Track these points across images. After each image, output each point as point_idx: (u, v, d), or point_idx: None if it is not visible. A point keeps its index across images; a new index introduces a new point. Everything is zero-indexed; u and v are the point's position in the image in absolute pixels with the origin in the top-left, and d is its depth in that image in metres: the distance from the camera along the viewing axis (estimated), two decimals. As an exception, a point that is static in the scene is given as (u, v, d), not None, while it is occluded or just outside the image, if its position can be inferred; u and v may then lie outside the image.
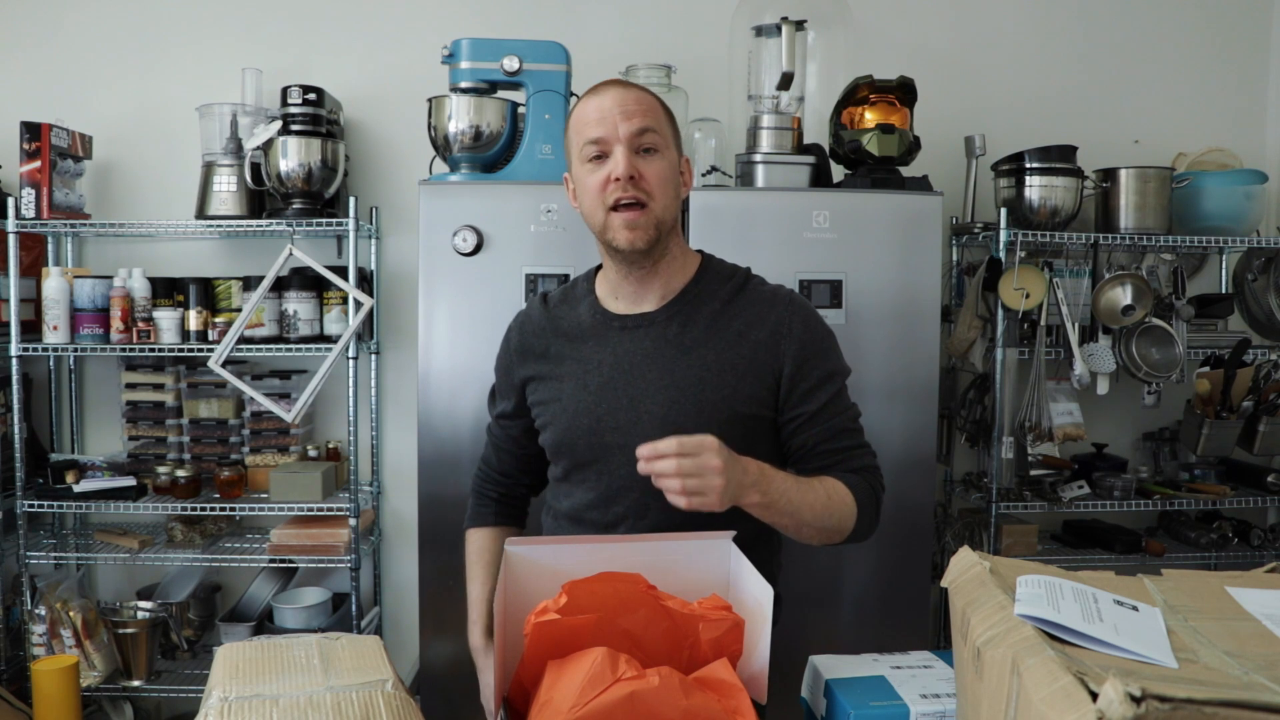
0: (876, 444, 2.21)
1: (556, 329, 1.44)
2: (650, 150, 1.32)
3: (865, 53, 2.52)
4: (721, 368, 1.36)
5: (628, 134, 1.30)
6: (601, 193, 1.31)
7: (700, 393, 1.35)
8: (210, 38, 2.73)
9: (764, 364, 1.37)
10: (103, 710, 2.64)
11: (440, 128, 2.30)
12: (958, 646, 0.98)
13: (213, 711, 1.05)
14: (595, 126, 1.31)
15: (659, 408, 1.35)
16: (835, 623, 2.21)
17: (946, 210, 2.47)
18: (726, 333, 1.37)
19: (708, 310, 1.39)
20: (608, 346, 1.40)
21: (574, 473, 1.42)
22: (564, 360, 1.42)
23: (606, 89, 1.34)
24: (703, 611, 1.10)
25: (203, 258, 2.74)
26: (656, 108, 1.35)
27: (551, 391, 1.42)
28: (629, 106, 1.31)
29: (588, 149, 1.32)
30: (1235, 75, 2.91)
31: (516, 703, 1.14)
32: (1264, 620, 0.91)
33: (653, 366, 1.37)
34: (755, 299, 1.40)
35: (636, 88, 1.36)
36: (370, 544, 2.73)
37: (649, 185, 1.31)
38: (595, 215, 1.34)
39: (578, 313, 1.44)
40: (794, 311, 1.39)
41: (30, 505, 2.48)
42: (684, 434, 1.23)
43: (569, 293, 1.49)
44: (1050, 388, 2.56)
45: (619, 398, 1.37)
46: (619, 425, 1.36)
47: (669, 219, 1.35)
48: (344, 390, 2.53)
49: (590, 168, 1.33)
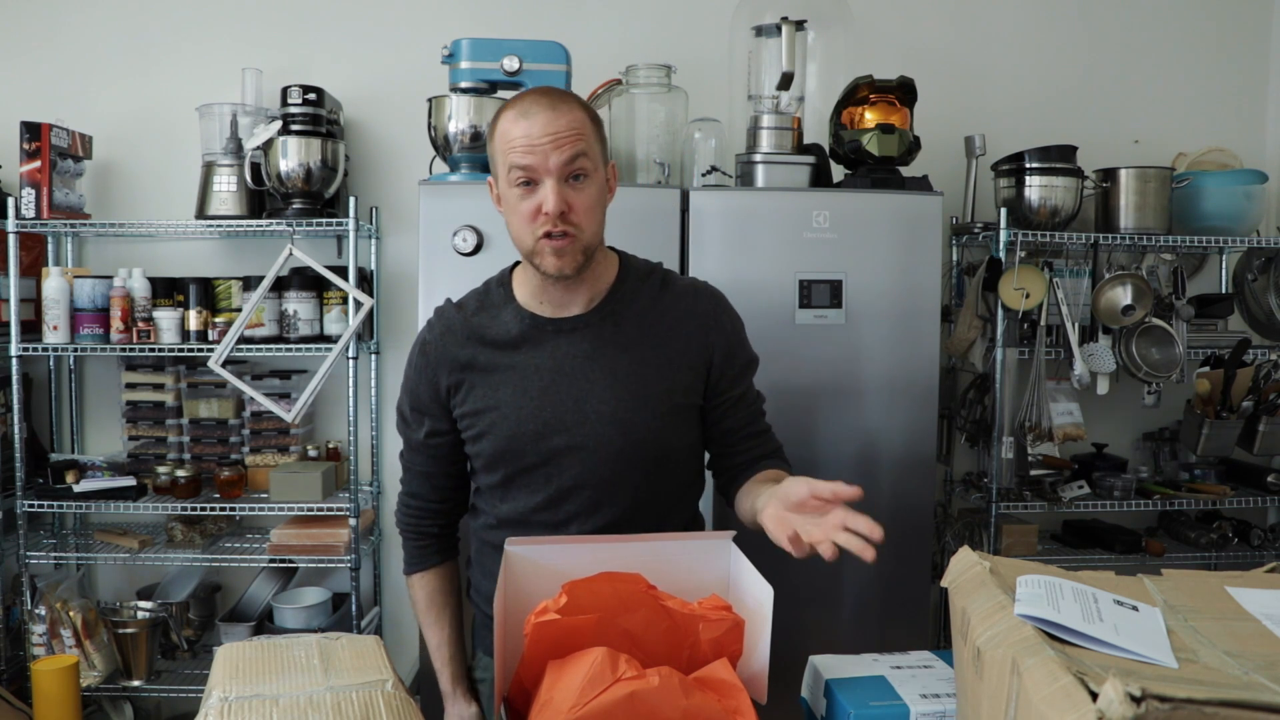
0: (877, 444, 2.24)
1: (482, 337, 1.41)
2: (580, 175, 1.30)
3: (865, 53, 2.52)
4: (659, 362, 1.39)
5: (558, 164, 1.27)
6: (531, 222, 1.30)
7: (643, 387, 1.38)
8: (210, 38, 2.73)
9: (695, 355, 1.42)
10: (103, 710, 2.64)
11: (440, 128, 2.30)
12: (958, 646, 0.98)
13: (213, 711, 1.05)
14: (524, 154, 1.27)
15: (605, 405, 1.37)
16: (835, 623, 2.21)
17: (946, 210, 2.47)
18: (658, 328, 1.41)
19: (636, 308, 1.41)
20: (544, 350, 1.39)
21: (518, 477, 1.41)
22: (495, 369, 1.40)
23: (535, 110, 1.28)
24: (703, 611, 1.10)
25: (203, 258, 2.74)
26: (584, 126, 1.31)
27: (484, 400, 1.39)
28: (560, 133, 1.27)
29: (515, 174, 1.29)
30: (1235, 75, 2.91)
31: (516, 703, 1.14)
32: (1264, 620, 0.91)
33: (594, 366, 1.38)
34: (678, 294, 1.44)
35: (564, 106, 1.30)
36: (370, 544, 2.73)
37: (578, 217, 1.30)
38: (523, 239, 1.33)
39: (502, 320, 1.41)
40: (717, 304, 1.46)
41: (30, 505, 2.48)
42: (630, 429, 1.35)
43: (485, 299, 1.45)
44: (1050, 388, 2.56)
45: (564, 400, 1.37)
46: (566, 426, 1.37)
47: (596, 241, 1.36)
48: (344, 390, 2.52)
49: (518, 193, 1.30)
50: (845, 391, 2.20)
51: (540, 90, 1.34)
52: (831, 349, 2.18)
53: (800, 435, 2.15)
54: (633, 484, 1.39)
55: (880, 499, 2.22)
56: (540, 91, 1.33)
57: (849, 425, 2.20)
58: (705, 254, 2.15)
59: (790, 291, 2.15)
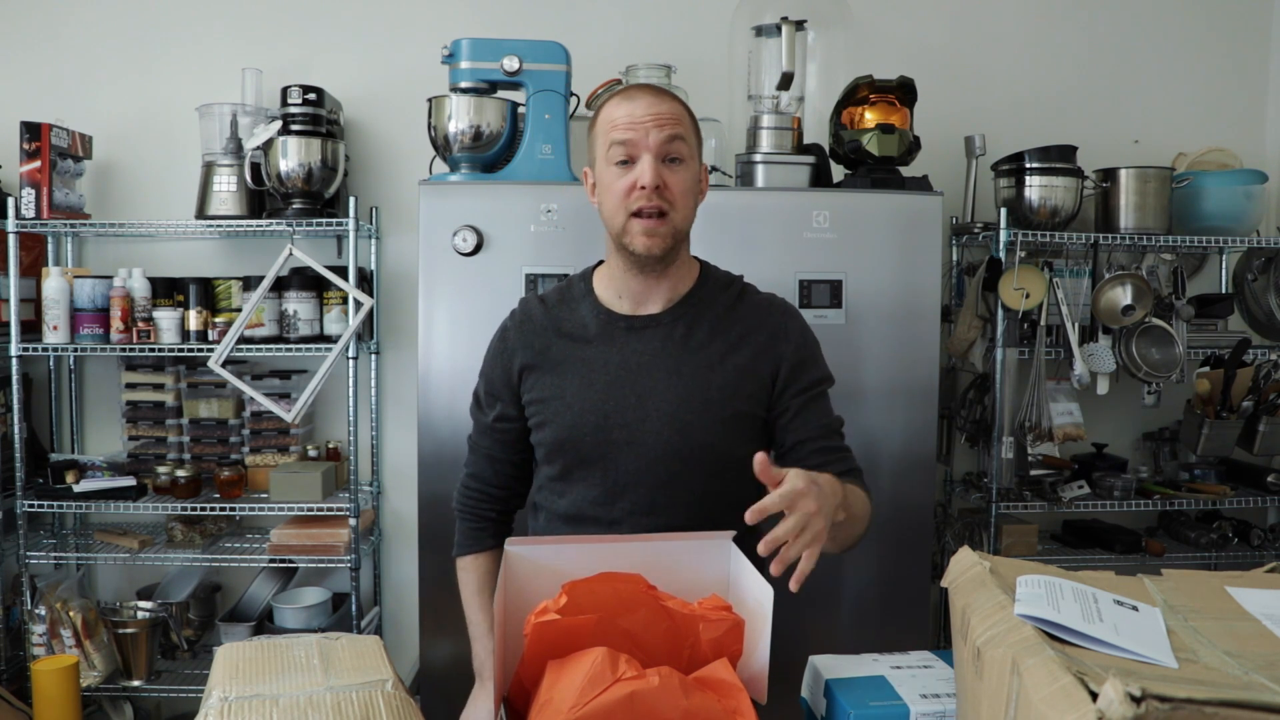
0: (876, 444, 2.24)
1: (558, 329, 1.45)
2: (676, 159, 1.35)
3: (865, 53, 2.52)
4: (725, 368, 1.40)
5: (657, 142, 1.32)
6: (625, 198, 1.34)
7: (706, 391, 1.39)
8: (210, 38, 2.73)
9: (763, 365, 1.42)
10: (103, 710, 2.64)
11: (440, 128, 2.30)
12: (958, 646, 0.98)
13: (213, 711, 1.05)
14: (625, 130, 1.33)
15: (667, 405, 1.38)
16: (835, 623, 2.21)
17: (946, 210, 2.47)
18: (729, 335, 1.42)
19: (711, 315, 1.43)
20: (614, 346, 1.41)
21: (575, 470, 1.42)
22: (566, 360, 1.42)
23: (639, 94, 1.35)
24: (703, 611, 1.10)
25: (203, 258, 2.74)
26: (685, 117, 1.37)
27: (551, 389, 1.42)
28: (661, 115, 1.33)
29: (615, 151, 1.34)
30: (1235, 75, 2.91)
31: (516, 703, 1.14)
32: (1264, 620, 0.91)
33: (660, 366, 1.40)
34: (754, 305, 1.47)
35: (668, 95, 1.37)
36: (370, 544, 2.73)
37: (673, 195, 1.34)
38: (616, 218, 1.36)
39: (579, 314, 1.45)
40: (790, 317, 1.48)
41: (30, 505, 2.48)
42: (690, 430, 1.33)
43: (566, 293, 1.49)
44: (1050, 388, 2.56)
45: (626, 395, 1.39)
46: (626, 422, 1.38)
47: (686, 228, 1.39)
48: (344, 390, 2.53)
49: (616, 171, 1.34)
50: (845, 392, 2.18)
51: (643, 83, 1.42)
52: (831, 349, 2.13)
53: (800, 435, 2.15)
54: (689, 488, 1.39)
55: (880, 499, 2.20)
56: (643, 84, 1.41)
57: (849, 425, 2.15)
58: (705, 254, 2.10)
59: (790, 291, 2.15)
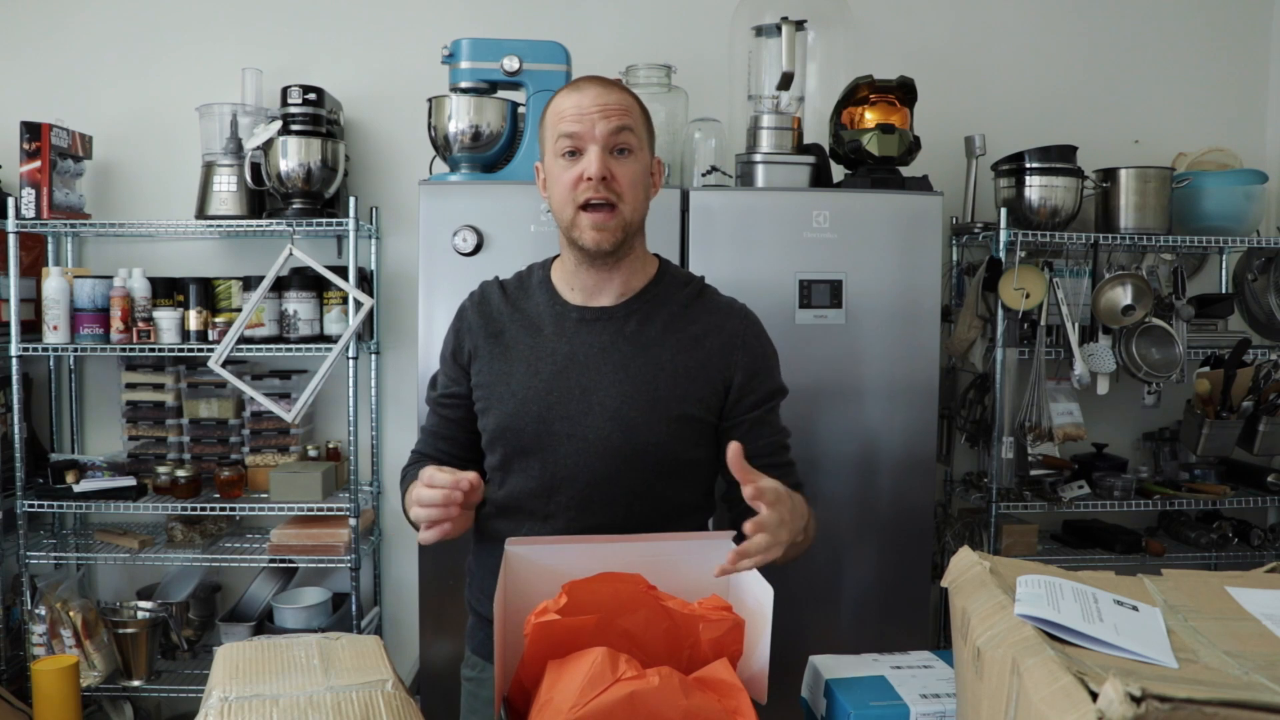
0: (877, 444, 2.24)
1: (512, 315, 1.44)
2: (624, 150, 1.33)
3: (865, 53, 2.52)
4: (675, 368, 1.38)
5: (604, 133, 1.31)
6: (572, 190, 1.33)
7: (654, 390, 1.37)
8: (210, 38, 2.73)
9: (716, 370, 1.40)
10: (103, 710, 2.64)
11: (440, 128, 2.30)
12: (958, 646, 0.98)
13: (213, 711, 1.05)
14: (572, 122, 1.32)
15: (611, 400, 1.36)
16: (835, 623, 2.21)
17: (946, 210, 2.47)
18: (683, 336, 1.40)
19: (665, 312, 1.41)
20: (563, 336, 1.40)
21: (514, 460, 1.40)
22: (517, 346, 1.41)
23: (587, 85, 1.35)
24: (703, 611, 1.10)
25: (203, 258, 2.74)
26: (634, 108, 1.36)
27: (498, 374, 1.41)
28: (609, 106, 1.32)
29: (562, 143, 1.33)
30: (1235, 75, 2.91)
31: (516, 703, 1.14)
32: (1264, 620, 0.91)
33: (608, 360, 1.38)
34: (711, 307, 1.44)
35: (616, 86, 1.36)
36: (370, 544, 2.73)
37: (620, 187, 1.33)
38: (564, 211, 1.35)
39: (534, 301, 1.44)
40: (748, 325, 1.44)
41: (30, 505, 2.48)
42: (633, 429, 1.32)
43: (524, 280, 1.48)
44: (1050, 388, 2.56)
45: (571, 387, 1.37)
46: (569, 414, 1.36)
47: (636, 221, 1.37)
48: (344, 390, 2.52)
49: (563, 163, 1.34)
50: (845, 391, 2.20)
51: (591, 76, 1.39)
52: (831, 349, 2.18)
53: (800, 435, 2.12)
54: (629, 488, 1.37)
55: (880, 499, 2.22)
56: (591, 76, 1.38)
57: (849, 425, 2.20)
58: (705, 254, 2.15)
59: (790, 291, 2.15)
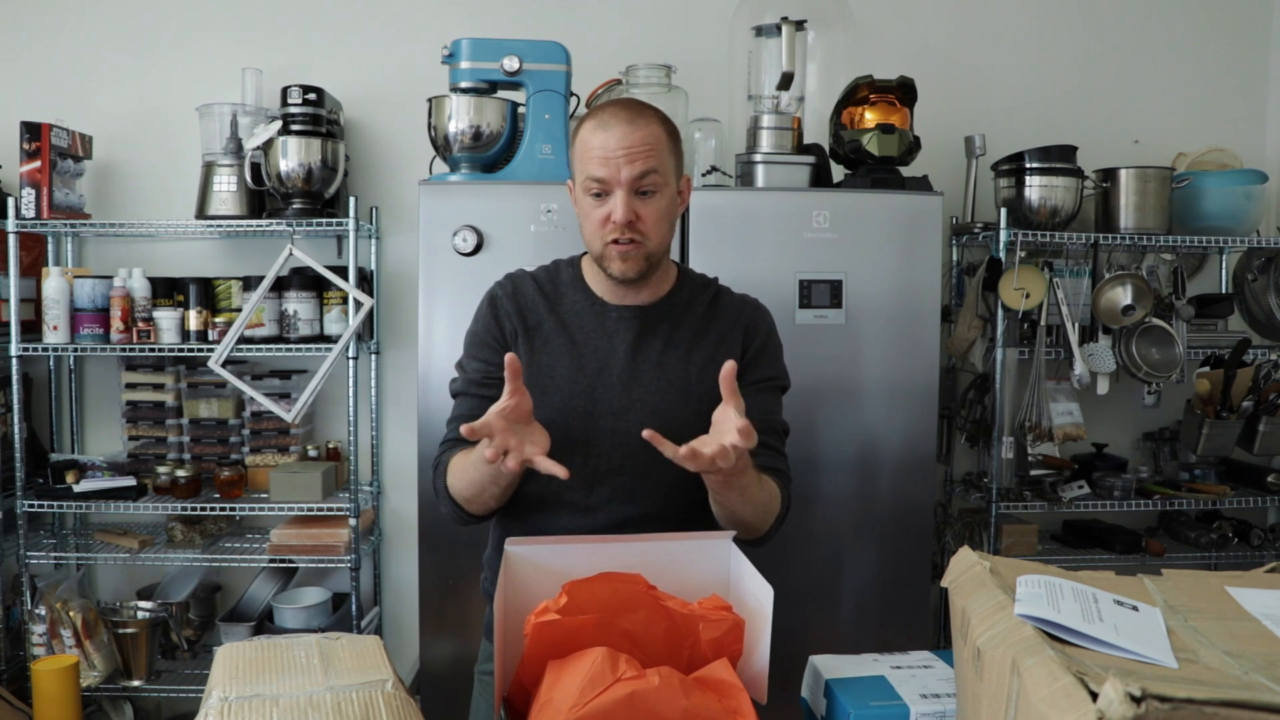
0: (877, 444, 2.24)
1: (550, 309, 1.46)
2: (649, 191, 1.37)
3: (865, 53, 2.52)
4: (704, 365, 1.44)
5: (629, 178, 1.34)
6: (601, 228, 1.38)
7: (687, 386, 1.43)
8: (210, 38, 2.73)
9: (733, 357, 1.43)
10: (103, 710, 2.64)
11: (440, 128, 2.30)
12: (958, 646, 0.98)
13: (213, 711, 1.05)
14: (599, 165, 1.35)
15: (651, 397, 1.42)
16: (835, 623, 2.21)
17: (946, 210, 2.47)
18: (709, 335, 1.47)
19: (692, 315, 1.48)
20: (604, 333, 1.44)
21: (557, 454, 1.37)
22: (557, 341, 1.44)
23: (613, 122, 1.35)
24: (703, 611, 1.10)
25: (203, 258, 2.74)
26: (660, 143, 1.37)
27: (540, 367, 1.43)
28: (634, 149, 1.34)
29: (589, 184, 1.37)
30: (1235, 75, 2.91)
31: (516, 703, 1.14)
32: (1264, 620, 0.91)
33: (645, 357, 1.43)
34: (729, 305, 1.52)
35: (643, 118, 1.36)
36: (370, 544, 2.73)
37: (645, 226, 1.37)
38: (593, 243, 1.41)
39: (570, 298, 1.47)
40: (760, 316, 1.53)
41: (30, 505, 2.48)
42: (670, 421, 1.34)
43: (554, 276, 1.50)
44: (1050, 388, 2.56)
45: (614, 383, 1.42)
46: (614, 410, 1.41)
47: (661, 250, 1.42)
48: (344, 390, 2.53)
49: (591, 202, 1.38)
50: (845, 391, 2.20)
51: (621, 102, 1.41)
52: (831, 349, 2.18)
53: (800, 435, 2.13)
54: (666, 479, 1.38)
55: (880, 499, 2.22)
56: (621, 104, 1.40)
57: (849, 425, 2.20)
58: (706, 254, 2.15)
59: (790, 291, 2.16)
